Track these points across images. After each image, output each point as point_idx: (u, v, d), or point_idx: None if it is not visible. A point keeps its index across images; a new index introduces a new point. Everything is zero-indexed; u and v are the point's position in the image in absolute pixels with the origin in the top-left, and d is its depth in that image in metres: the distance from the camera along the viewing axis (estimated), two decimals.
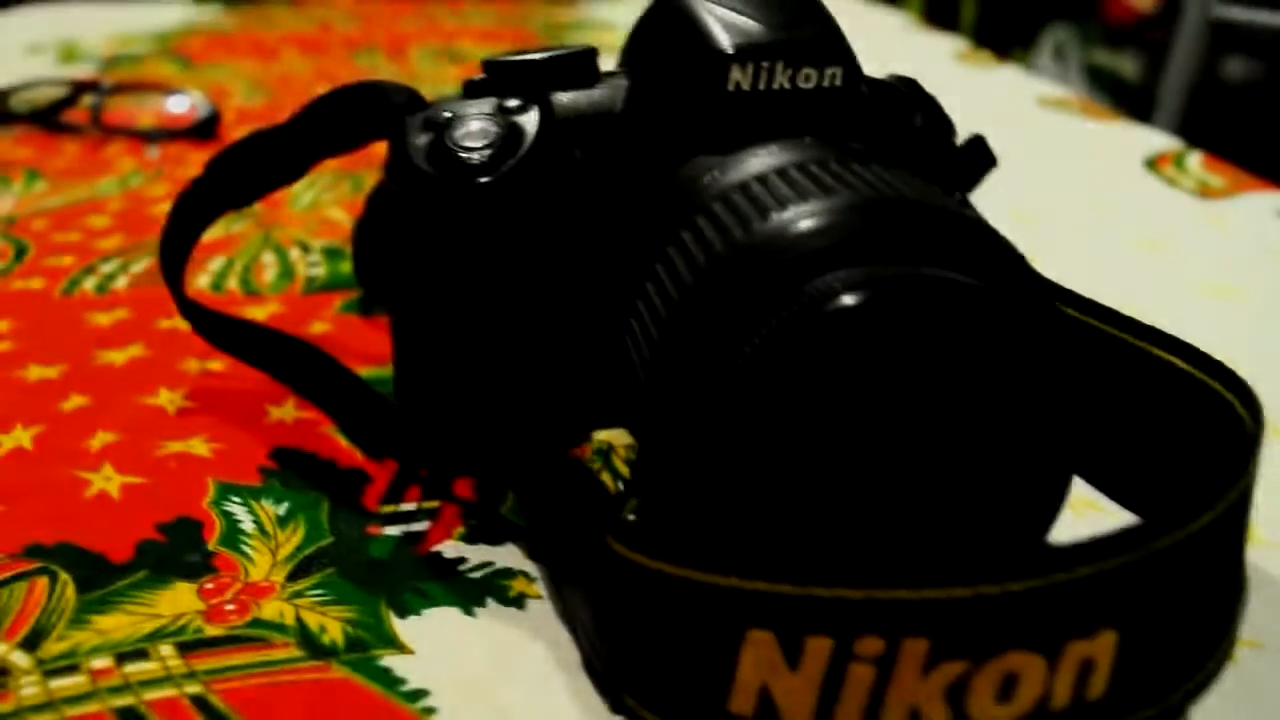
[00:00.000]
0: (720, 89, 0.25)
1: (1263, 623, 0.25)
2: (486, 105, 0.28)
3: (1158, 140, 0.64)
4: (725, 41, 0.25)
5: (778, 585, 0.19)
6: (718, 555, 0.19)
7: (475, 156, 0.27)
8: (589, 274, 0.28)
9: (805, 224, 0.21)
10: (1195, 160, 0.60)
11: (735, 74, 0.25)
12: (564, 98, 0.28)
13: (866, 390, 0.20)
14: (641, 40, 0.29)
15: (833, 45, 0.26)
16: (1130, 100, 1.62)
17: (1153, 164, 0.60)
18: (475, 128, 0.28)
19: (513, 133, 0.28)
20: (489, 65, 0.29)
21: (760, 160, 0.24)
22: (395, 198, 0.29)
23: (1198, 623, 0.22)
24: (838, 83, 0.26)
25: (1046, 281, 0.22)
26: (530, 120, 0.28)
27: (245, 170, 0.33)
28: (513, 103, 0.28)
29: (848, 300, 0.20)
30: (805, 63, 0.25)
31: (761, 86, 0.25)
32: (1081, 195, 0.55)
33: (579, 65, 0.29)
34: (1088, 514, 0.28)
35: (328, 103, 0.31)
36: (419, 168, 0.28)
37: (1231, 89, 1.62)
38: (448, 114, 0.28)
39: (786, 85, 0.25)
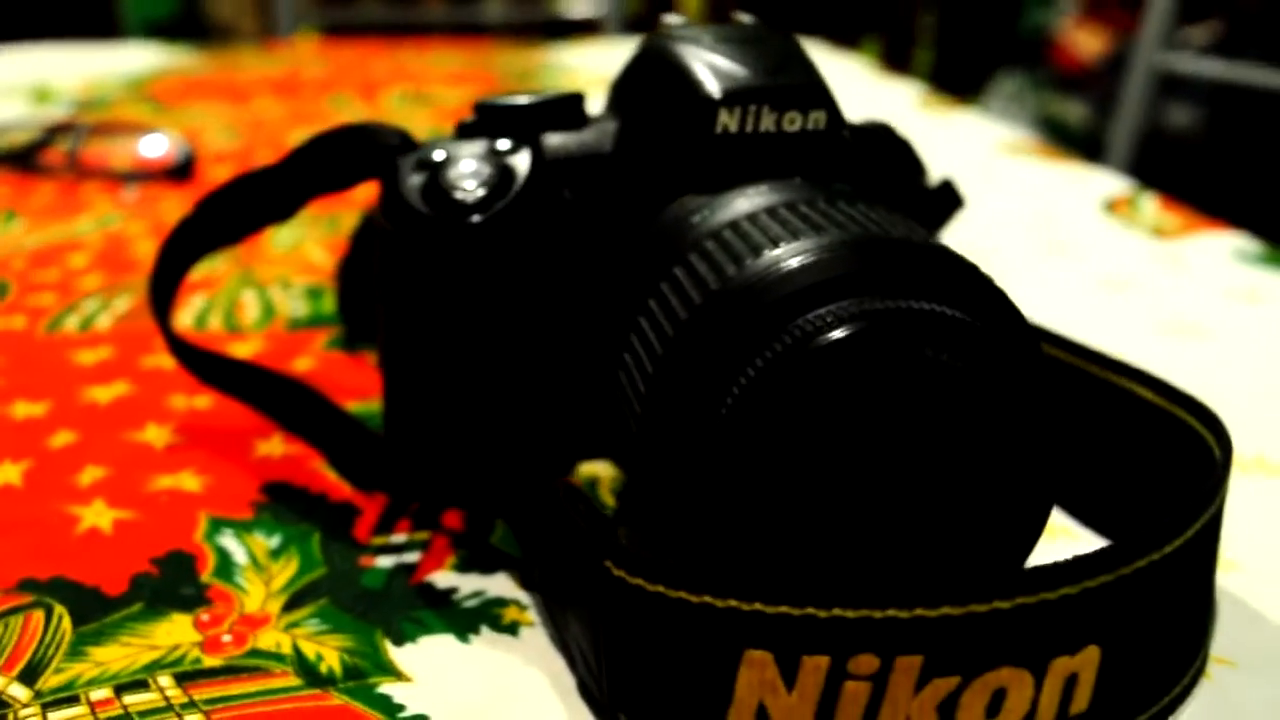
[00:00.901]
0: (708, 132, 0.26)
1: (1236, 642, 0.26)
2: (479, 146, 0.29)
3: (1113, 183, 0.66)
4: (713, 86, 0.26)
5: (776, 606, 0.20)
6: (716, 578, 0.20)
7: (469, 196, 0.28)
8: (580, 311, 0.29)
9: (797, 260, 0.22)
10: (1150, 202, 0.62)
11: (723, 117, 0.26)
12: (554, 139, 0.29)
13: (857, 420, 0.21)
14: (629, 84, 0.30)
15: (816, 90, 0.27)
16: (1077, 146, 1.66)
17: (1109, 206, 0.62)
18: (468, 168, 0.28)
19: (505, 173, 0.28)
20: (480, 108, 0.30)
21: (750, 200, 0.25)
22: (387, 236, 0.29)
23: (1173, 639, 0.23)
24: (821, 126, 0.27)
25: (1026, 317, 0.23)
26: (522, 161, 0.29)
27: (236, 209, 0.34)
28: (504, 144, 0.29)
29: (839, 334, 0.20)
30: (791, 106, 0.26)
31: (749, 129, 0.26)
32: (1041, 236, 0.56)
33: (567, 109, 0.30)
34: (1061, 539, 0.29)
35: (320, 143, 0.32)
36: (413, 206, 0.28)
37: (1174, 137, 1.67)
38: (441, 154, 0.29)
39: (772, 129, 0.26)
